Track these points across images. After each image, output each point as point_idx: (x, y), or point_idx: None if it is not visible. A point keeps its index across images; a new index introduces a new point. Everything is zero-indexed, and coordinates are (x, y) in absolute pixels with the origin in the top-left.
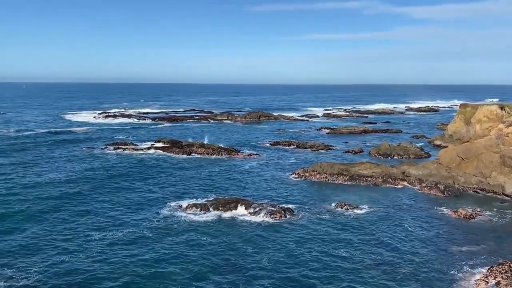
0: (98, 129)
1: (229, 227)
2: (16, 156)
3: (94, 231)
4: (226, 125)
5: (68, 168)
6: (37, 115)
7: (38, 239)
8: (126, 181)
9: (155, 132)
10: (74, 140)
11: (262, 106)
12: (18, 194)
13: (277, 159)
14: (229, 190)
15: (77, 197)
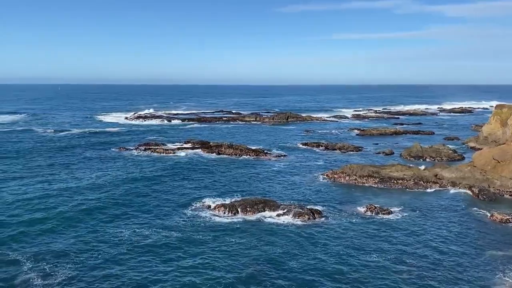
0: (130, 130)
1: (256, 228)
2: (52, 156)
3: (123, 229)
4: (254, 126)
5: (101, 168)
6: (71, 116)
7: (74, 240)
8: (156, 182)
9: (184, 133)
10: (107, 141)
11: (290, 107)
12: (53, 196)
13: (306, 160)
14: (256, 191)
15: (108, 197)
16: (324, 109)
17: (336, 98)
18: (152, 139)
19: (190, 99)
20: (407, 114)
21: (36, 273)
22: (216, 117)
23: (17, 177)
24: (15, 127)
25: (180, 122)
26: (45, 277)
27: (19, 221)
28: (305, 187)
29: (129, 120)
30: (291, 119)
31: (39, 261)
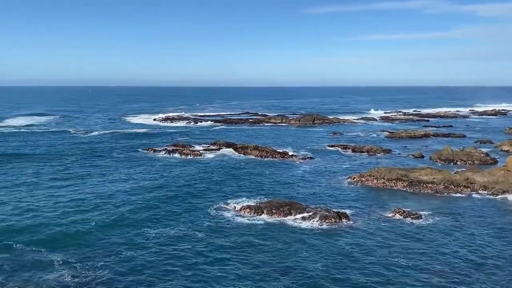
0: (158, 131)
1: (281, 230)
2: (83, 157)
3: (150, 228)
4: (280, 128)
5: (130, 169)
6: (101, 117)
7: (104, 236)
8: (182, 182)
9: (211, 135)
10: (135, 142)
11: (317, 108)
12: (85, 199)
13: (332, 163)
14: (282, 192)
15: (136, 199)
16: (352, 111)
17: (364, 100)
18: (179, 140)
19: (217, 101)
20: (437, 116)
21: (67, 271)
22: (242, 119)
23: (51, 178)
24: (48, 128)
25: (207, 124)
26: (76, 276)
27: (53, 220)
28: (331, 190)
29: (157, 121)
30: (318, 121)
31: (70, 261)
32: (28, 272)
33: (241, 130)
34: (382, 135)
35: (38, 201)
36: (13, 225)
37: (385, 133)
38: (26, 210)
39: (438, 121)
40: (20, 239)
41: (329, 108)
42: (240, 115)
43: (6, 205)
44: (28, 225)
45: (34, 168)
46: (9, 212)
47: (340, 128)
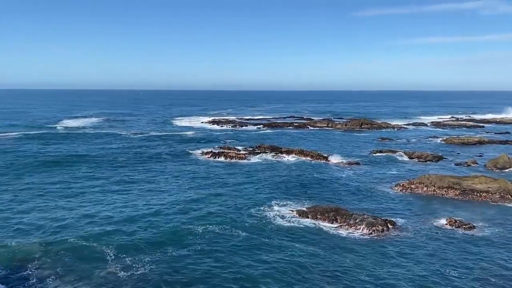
0: (204, 134)
1: (326, 235)
2: (133, 159)
3: (194, 226)
4: (326, 132)
5: (177, 171)
6: (151, 120)
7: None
8: (227, 185)
9: (256, 138)
10: (183, 144)
11: (364, 113)
12: (133, 200)
13: (380, 168)
14: (327, 198)
15: (183, 199)
16: (401, 116)
17: (414, 104)
18: (225, 143)
19: (263, 104)
20: (493, 122)
21: (119, 265)
22: (288, 123)
23: (101, 177)
24: (100, 130)
25: (252, 127)
26: (127, 269)
27: (107, 219)
28: (379, 196)
29: (204, 124)
30: (365, 125)
31: (121, 256)
32: (84, 265)
33: (286, 134)
34: (433, 141)
35: (94, 200)
36: (70, 223)
37: (436, 139)
38: (82, 209)
39: (494, 127)
40: (76, 234)
41: (377, 113)
42: (285, 118)
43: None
44: (86, 223)
45: (88, 169)
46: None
47: (389, 133)
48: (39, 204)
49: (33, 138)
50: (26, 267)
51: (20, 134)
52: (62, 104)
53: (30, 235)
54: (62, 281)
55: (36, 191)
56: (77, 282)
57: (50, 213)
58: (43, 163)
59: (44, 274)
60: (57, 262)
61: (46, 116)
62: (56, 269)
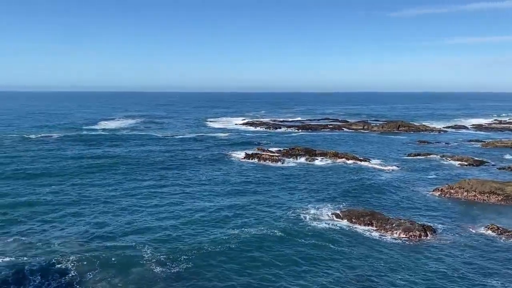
0: (238, 135)
1: (361, 240)
2: (169, 160)
3: (229, 227)
4: (362, 134)
5: (211, 172)
6: (186, 121)
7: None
8: (261, 186)
9: (290, 140)
10: (217, 145)
11: (401, 115)
12: (171, 200)
13: (418, 172)
14: (363, 201)
15: (219, 201)
16: (439, 118)
17: (453, 107)
18: (259, 144)
19: (297, 106)
20: None
21: (154, 264)
22: (322, 125)
23: (140, 179)
24: (138, 132)
25: (286, 129)
26: (162, 268)
27: (143, 217)
28: (416, 201)
29: (238, 126)
30: (402, 128)
31: (157, 255)
32: (121, 263)
33: (321, 136)
34: (474, 144)
35: (133, 201)
36: (108, 223)
37: (478, 142)
38: (121, 210)
39: None
40: (115, 234)
41: (414, 115)
42: (319, 120)
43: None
44: (125, 223)
45: (127, 170)
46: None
47: (427, 136)
48: (81, 203)
49: (75, 139)
50: (65, 262)
51: (61, 135)
52: (101, 105)
53: (71, 233)
54: (99, 276)
55: (77, 191)
56: (113, 278)
57: (90, 213)
58: (85, 164)
59: (83, 269)
60: (96, 259)
61: (86, 117)
62: (94, 265)
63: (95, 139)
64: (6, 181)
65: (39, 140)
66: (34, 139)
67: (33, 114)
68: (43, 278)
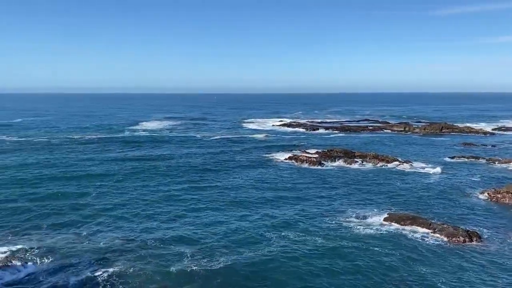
0: (275, 136)
1: (402, 244)
2: (209, 161)
3: (269, 231)
4: (403, 136)
5: (249, 173)
6: (223, 122)
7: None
8: (299, 189)
9: (328, 141)
10: (254, 147)
11: (444, 116)
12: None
13: (462, 176)
14: (403, 205)
15: (256, 202)
16: (484, 120)
17: (499, 107)
18: (297, 146)
19: (335, 107)
20: None
21: (194, 264)
22: (361, 126)
23: (183, 181)
24: (177, 133)
25: (324, 131)
26: (201, 268)
27: (184, 218)
28: (460, 205)
29: (275, 127)
30: (446, 130)
31: (197, 256)
32: (162, 261)
33: (360, 138)
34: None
35: (175, 202)
36: (152, 223)
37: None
38: (162, 210)
39: None
40: (157, 234)
41: (459, 116)
42: (358, 122)
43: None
44: (166, 223)
45: (169, 171)
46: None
47: (472, 138)
48: (124, 204)
49: (118, 141)
50: (109, 258)
51: (105, 136)
52: (142, 106)
53: (115, 232)
54: (141, 273)
55: (121, 191)
56: (154, 274)
57: (133, 213)
58: (128, 165)
59: (124, 265)
60: (139, 258)
61: (126, 118)
62: (136, 262)
63: (136, 140)
64: (53, 181)
65: (84, 141)
66: (79, 140)
67: (75, 116)
68: (90, 273)
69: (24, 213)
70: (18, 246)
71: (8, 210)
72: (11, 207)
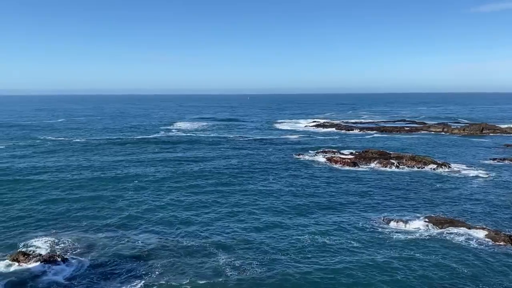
0: (308, 137)
1: (442, 247)
2: (243, 162)
3: (302, 234)
4: (441, 137)
5: (284, 175)
6: (256, 123)
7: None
8: (333, 192)
9: (363, 142)
10: (287, 148)
11: (484, 117)
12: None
13: (504, 178)
14: (442, 209)
15: (290, 205)
16: None
17: None
18: (330, 147)
19: (371, 107)
20: None
21: (228, 266)
22: (398, 127)
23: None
24: (210, 133)
25: (359, 132)
26: (234, 270)
27: (221, 217)
28: (502, 209)
29: (308, 127)
30: (487, 130)
31: (231, 258)
32: (196, 261)
33: (396, 139)
34: None
35: (209, 205)
36: (187, 224)
37: None
38: (198, 212)
39: None
40: (192, 235)
41: (501, 117)
42: (395, 122)
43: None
44: (202, 224)
45: (205, 173)
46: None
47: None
48: (161, 204)
49: (155, 142)
50: (146, 256)
51: (142, 137)
52: (176, 106)
53: (151, 233)
54: (174, 271)
55: (158, 191)
56: (188, 274)
57: (171, 213)
58: (165, 165)
59: (161, 263)
60: (174, 257)
61: (162, 119)
62: (171, 260)
63: (171, 141)
64: (92, 182)
65: (121, 142)
66: (117, 141)
67: (111, 117)
68: (127, 270)
69: (66, 212)
70: (60, 244)
71: (50, 209)
72: (53, 206)
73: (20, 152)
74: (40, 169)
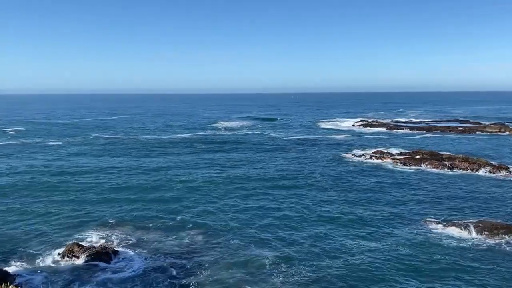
0: (356, 137)
1: (496, 254)
2: (287, 161)
3: (348, 238)
4: (498, 138)
5: (331, 175)
6: (301, 122)
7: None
8: (380, 193)
9: (413, 143)
10: (335, 147)
11: None
12: (290, 203)
13: None
14: (497, 213)
15: (338, 205)
16: None
17: None
18: (378, 146)
19: (420, 106)
20: None
21: (276, 272)
22: (450, 127)
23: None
24: (254, 131)
25: (409, 131)
26: (281, 272)
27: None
28: None
29: (355, 127)
30: None
31: (278, 261)
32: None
33: (448, 139)
34: None
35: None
36: (233, 223)
37: None
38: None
39: None
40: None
41: None
42: (447, 122)
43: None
44: (250, 225)
45: (249, 170)
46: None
47: None
48: (211, 204)
49: (203, 141)
50: (192, 253)
51: (189, 135)
52: (221, 106)
53: (198, 230)
54: (220, 266)
55: (206, 190)
56: (233, 266)
57: (217, 213)
58: (214, 164)
59: (205, 263)
60: (223, 258)
61: (208, 118)
62: (219, 259)
63: (218, 140)
64: (141, 175)
65: (170, 140)
66: (166, 140)
67: (158, 115)
68: (175, 266)
69: (118, 209)
70: (112, 238)
71: (102, 206)
72: (105, 203)
73: (76, 149)
74: (93, 167)
